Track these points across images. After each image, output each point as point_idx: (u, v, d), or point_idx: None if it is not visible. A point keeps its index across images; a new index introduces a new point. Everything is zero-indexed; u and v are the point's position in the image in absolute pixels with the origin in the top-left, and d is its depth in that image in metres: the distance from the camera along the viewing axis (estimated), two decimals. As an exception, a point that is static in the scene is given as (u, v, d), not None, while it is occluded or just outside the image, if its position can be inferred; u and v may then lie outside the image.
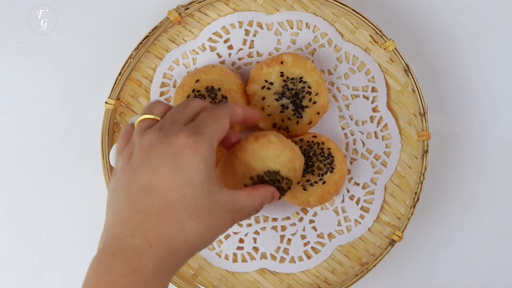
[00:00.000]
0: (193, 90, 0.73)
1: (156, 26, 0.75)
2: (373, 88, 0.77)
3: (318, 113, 0.73)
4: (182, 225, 0.50)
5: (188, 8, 0.75)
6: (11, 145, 0.80)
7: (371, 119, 0.77)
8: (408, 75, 0.75)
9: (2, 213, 0.80)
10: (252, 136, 0.61)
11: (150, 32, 0.75)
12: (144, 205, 0.50)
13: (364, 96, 0.77)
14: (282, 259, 0.78)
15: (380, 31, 0.75)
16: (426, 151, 0.75)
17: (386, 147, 0.77)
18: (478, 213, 0.81)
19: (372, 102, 0.77)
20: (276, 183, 0.61)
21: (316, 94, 0.73)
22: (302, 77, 0.72)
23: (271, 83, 0.72)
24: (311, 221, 0.78)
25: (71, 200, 0.80)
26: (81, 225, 0.80)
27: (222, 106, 0.56)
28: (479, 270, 0.81)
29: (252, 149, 0.60)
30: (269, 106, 0.73)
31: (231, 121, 0.56)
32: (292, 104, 0.73)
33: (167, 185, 0.50)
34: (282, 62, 0.72)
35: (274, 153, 0.60)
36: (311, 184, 0.73)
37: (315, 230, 0.78)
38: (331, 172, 0.73)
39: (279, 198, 0.61)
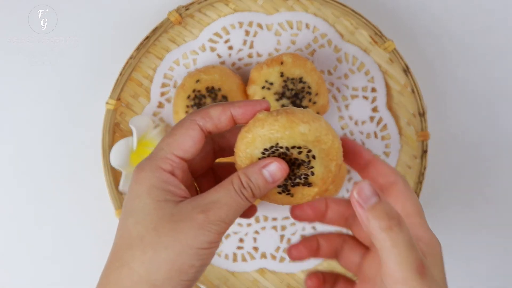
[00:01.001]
0: (194, 90, 0.73)
1: (157, 27, 0.75)
2: (372, 88, 0.77)
3: (318, 113, 0.74)
4: (122, 262, 0.43)
5: (188, 9, 0.75)
6: (11, 145, 0.80)
7: (371, 119, 0.77)
8: (407, 76, 0.75)
9: (2, 213, 0.80)
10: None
11: (150, 33, 0.75)
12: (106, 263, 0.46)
13: (363, 97, 0.77)
14: (282, 259, 0.78)
15: (380, 32, 0.75)
16: (426, 151, 0.75)
17: (386, 147, 0.77)
18: (478, 213, 0.81)
19: (372, 102, 0.77)
20: (286, 159, 0.47)
21: (316, 94, 0.73)
22: (302, 77, 0.73)
23: (271, 83, 0.73)
24: (311, 221, 0.78)
25: (72, 200, 0.80)
26: (81, 225, 0.80)
27: (190, 114, 0.47)
28: (479, 270, 0.81)
29: (241, 139, 0.47)
30: (269, 106, 0.73)
31: (208, 128, 0.46)
32: (292, 104, 0.73)
33: (117, 228, 0.45)
34: (282, 63, 0.73)
35: (265, 128, 0.46)
36: (311, 184, 0.73)
37: (315, 230, 0.78)
38: (331, 172, 0.73)
39: (298, 167, 0.47)
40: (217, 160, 0.51)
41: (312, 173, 0.47)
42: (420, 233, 0.46)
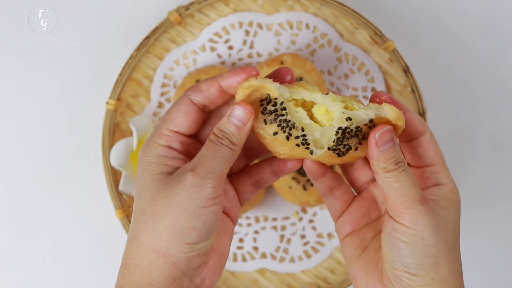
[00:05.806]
0: (194, 91, 0.73)
1: (157, 27, 0.75)
2: (372, 88, 0.77)
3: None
4: (132, 236, 0.46)
5: (188, 9, 0.75)
6: (11, 145, 0.80)
7: (371, 119, 0.77)
8: (407, 75, 0.75)
9: (3, 213, 0.80)
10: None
11: (150, 33, 0.75)
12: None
13: (363, 97, 0.77)
14: (282, 259, 0.78)
15: (380, 32, 0.75)
16: (426, 151, 0.75)
17: (386, 147, 0.77)
18: (478, 213, 0.81)
19: (372, 102, 0.77)
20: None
21: (316, 94, 0.73)
22: (302, 77, 0.73)
23: (271, 84, 0.73)
24: (311, 221, 0.78)
25: (72, 200, 0.80)
26: (82, 225, 0.80)
27: (185, 90, 0.49)
28: (479, 270, 0.81)
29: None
30: (269, 106, 0.73)
31: (200, 101, 0.48)
32: (292, 104, 0.73)
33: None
34: (282, 63, 0.73)
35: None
36: (311, 184, 0.73)
37: (315, 229, 0.78)
38: (331, 172, 0.73)
39: (348, 139, 0.48)
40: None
41: (356, 149, 0.48)
42: (442, 182, 0.49)
